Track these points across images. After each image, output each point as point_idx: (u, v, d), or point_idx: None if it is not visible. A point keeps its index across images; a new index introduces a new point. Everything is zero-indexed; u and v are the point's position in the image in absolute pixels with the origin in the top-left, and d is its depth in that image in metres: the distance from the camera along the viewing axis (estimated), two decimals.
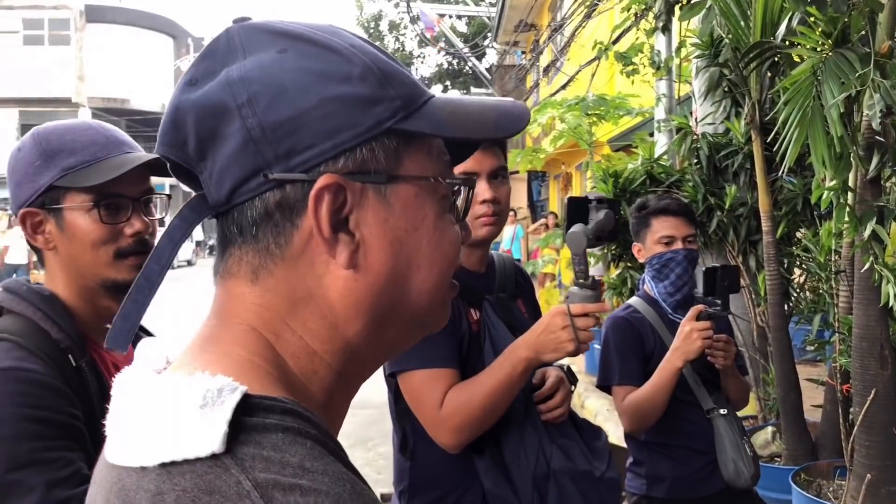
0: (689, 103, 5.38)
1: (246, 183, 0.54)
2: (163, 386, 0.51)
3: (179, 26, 35.32)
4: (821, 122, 2.38)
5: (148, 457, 0.48)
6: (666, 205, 2.21)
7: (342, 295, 0.56)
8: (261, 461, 0.46)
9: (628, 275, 4.64)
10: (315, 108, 0.54)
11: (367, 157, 0.55)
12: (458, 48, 21.10)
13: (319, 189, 0.53)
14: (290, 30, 0.57)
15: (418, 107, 0.57)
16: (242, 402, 0.48)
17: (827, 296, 3.56)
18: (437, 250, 0.59)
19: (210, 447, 0.46)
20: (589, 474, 1.53)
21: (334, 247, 0.55)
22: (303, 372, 0.57)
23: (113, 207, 1.25)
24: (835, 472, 3.22)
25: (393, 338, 0.60)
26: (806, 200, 3.85)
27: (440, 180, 0.59)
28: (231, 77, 0.54)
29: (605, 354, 2.26)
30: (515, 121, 0.60)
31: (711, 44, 3.84)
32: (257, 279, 0.56)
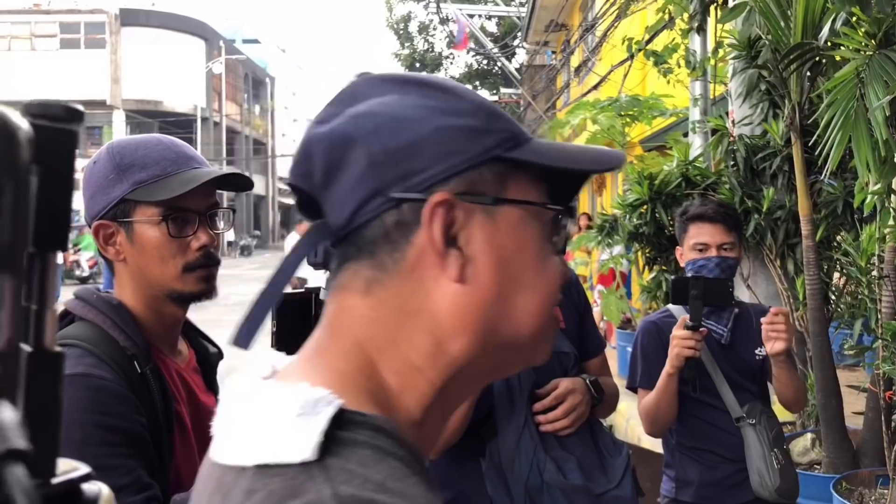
0: (724, 104, 5.32)
1: (367, 204, 0.59)
2: (266, 393, 0.56)
3: (211, 28, 35.73)
4: (865, 125, 2.34)
5: (247, 457, 0.52)
6: (703, 211, 2.19)
7: (449, 309, 0.59)
8: (345, 474, 0.49)
9: (663, 278, 4.60)
10: (431, 136, 0.59)
11: (477, 180, 0.60)
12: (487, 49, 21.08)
13: (434, 205, 0.58)
14: (408, 77, 0.64)
15: (523, 142, 0.63)
16: (337, 415, 0.52)
17: (868, 301, 3.49)
18: (541, 275, 0.62)
19: (301, 455, 0.50)
20: (584, 490, 1.51)
21: (445, 260, 0.59)
22: (402, 387, 0.60)
23: (180, 221, 1.29)
24: (877, 480, 3.16)
25: (495, 361, 0.63)
26: (846, 203, 3.77)
27: (542, 207, 0.63)
28: (358, 112, 0.61)
29: (633, 357, 2.30)
30: (611, 159, 0.65)
31: (749, 44, 3.79)
32: (370, 291, 0.60)
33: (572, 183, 0.69)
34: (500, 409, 1.55)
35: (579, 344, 1.74)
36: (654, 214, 4.39)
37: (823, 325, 3.49)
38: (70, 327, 1.26)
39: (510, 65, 20.29)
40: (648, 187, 4.40)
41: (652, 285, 4.70)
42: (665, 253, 4.59)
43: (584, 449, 1.58)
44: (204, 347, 1.47)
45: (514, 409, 1.55)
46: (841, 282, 4.13)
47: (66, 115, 0.32)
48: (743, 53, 3.82)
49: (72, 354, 1.17)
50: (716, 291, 2.05)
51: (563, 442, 1.57)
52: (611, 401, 1.75)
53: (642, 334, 2.29)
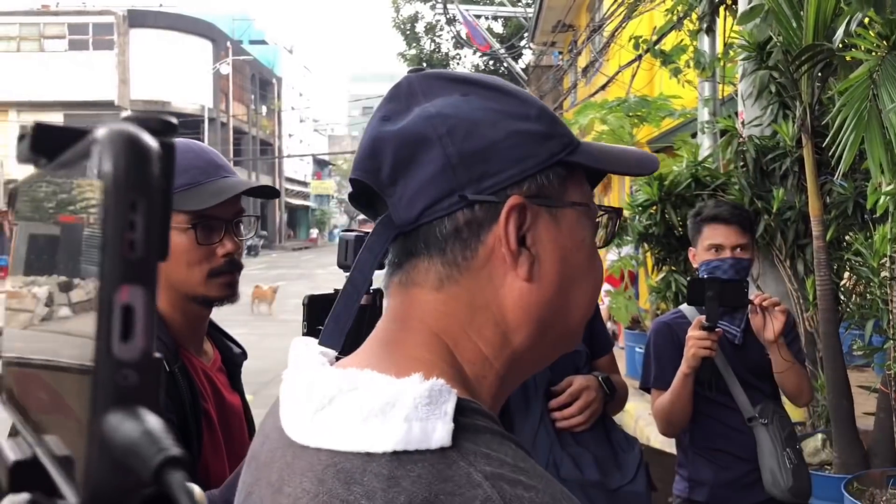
0: (732, 104, 5.32)
1: (439, 203, 0.61)
2: (368, 380, 0.56)
3: (218, 29, 35.81)
4: (878, 126, 2.35)
5: (376, 444, 0.53)
6: (718, 212, 2.20)
7: (516, 304, 0.63)
8: (483, 457, 0.52)
9: (672, 279, 4.60)
10: (503, 140, 0.62)
11: (544, 184, 0.63)
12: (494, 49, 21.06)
13: (510, 207, 0.61)
14: (464, 77, 0.67)
15: (577, 145, 0.66)
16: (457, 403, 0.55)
17: (880, 301, 3.49)
18: (591, 270, 0.67)
19: (440, 441, 0.52)
20: (600, 485, 1.53)
21: (516, 260, 0.62)
22: (475, 377, 0.63)
23: (208, 229, 1.32)
24: (888, 481, 3.16)
25: (546, 350, 0.67)
26: (856, 204, 3.78)
27: (597, 208, 0.68)
28: (429, 112, 0.63)
29: (646, 358, 2.32)
30: (651, 163, 0.71)
31: (759, 46, 3.79)
32: (442, 287, 0.63)
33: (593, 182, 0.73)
34: (516, 406, 1.57)
35: (590, 342, 1.76)
36: (663, 215, 4.40)
37: (834, 325, 3.49)
38: None
39: (517, 65, 20.27)
40: (658, 188, 4.41)
41: (661, 286, 4.71)
42: (674, 254, 4.59)
43: (598, 445, 1.60)
44: (228, 348, 1.49)
45: (530, 406, 1.57)
46: (851, 283, 4.13)
47: (167, 128, 0.34)
48: (753, 55, 3.82)
49: None
50: (731, 292, 2.07)
51: (579, 438, 1.59)
52: (621, 398, 1.78)
53: (655, 335, 2.30)
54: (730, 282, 2.09)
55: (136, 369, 0.32)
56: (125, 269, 0.31)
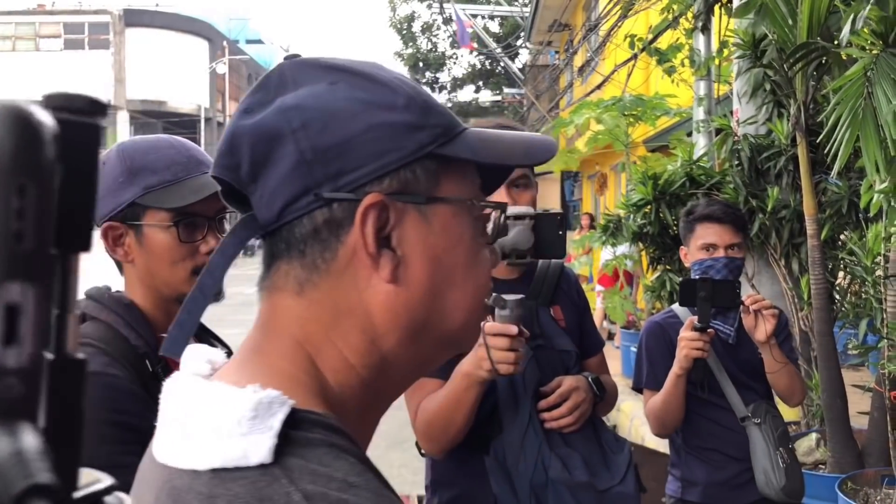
0: (728, 103, 5.31)
1: (296, 201, 0.58)
2: (214, 393, 0.55)
3: (214, 29, 35.79)
4: (873, 124, 2.33)
5: (200, 461, 0.51)
6: (711, 211, 2.18)
7: (382, 308, 0.59)
8: (308, 474, 0.49)
9: (667, 277, 4.59)
10: (363, 133, 0.58)
11: (409, 179, 0.59)
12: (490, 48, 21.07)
13: (366, 207, 0.57)
14: (338, 64, 0.61)
15: (456, 135, 0.61)
16: (290, 415, 0.52)
17: (874, 300, 3.48)
18: (472, 270, 0.62)
19: (260, 458, 0.49)
20: (588, 486, 1.51)
21: (378, 261, 0.58)
22: (340, 386, 0.59)
23: (191, 226, 1.30)
24: (882, 480, 3.15)
25: (424, 354, 0.63)
26: (851, 203, 3.77)
27: (475, 203, 0.63)
28: (286, 104, 0.58)
29: (638, 358, 2.31)
30: (544, 151, 0.65)
31: (754, 43, 3.78)
32: (303, 291, 0.59)
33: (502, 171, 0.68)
34: (505, 407, 1.56)
35: (580, 342, 1.74)
36: (658, 214, 4.39)
37: (828, 325, 3.48)
38: (82, 327, 1.26)
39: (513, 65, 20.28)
40: (653, 187, 4.40)
41: (656, 285, 4.70)
42: (669, 253, 4.58)
43: (587, 446, 1.58)
44: (213, 346, 1.48)
45: (519, 407, 1.56)
46: (845, 281, 4.12)
47: (90, 107, 0.31)
48: (748, 53, 3.81)
49: (84, 353, 1.18)
50: (723, 293, 2.05)
51: (568, 439, 1.57)
52: (611, 399, 1.76)
53: (647, 335, 2.29)
54: (721, 282, 2.08)
55: (20, 378, 0.28)
56: (9, 263, 0.28)
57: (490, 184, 0.69)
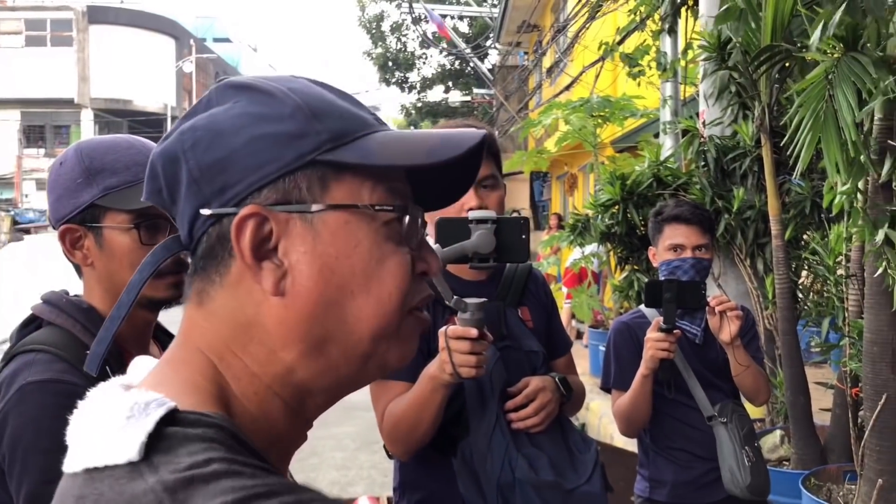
0: (694, 105, 5.37)
1: (196, 220, 0.60)
2: (107, 400, 0.56)
3: (181, 27, 35.35)
4: (834, 126, 2.37)
5: (77, 463, 0.53)
6: (679, 212, 2.20)
7: (276, 321, 0.58)
8: (172, 465, 0.49)
9: (635, 277, 4.64)
10: (243, 147, 0.58)
11: (289, 188, 0.58)
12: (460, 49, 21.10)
13: (240, 219, 0.57)
14: (247, 83, 0.62)
15: (351, 140, 0.60)
16: (170, 416, 0.52)
17: (836, 299, 3.55)
18: (374, 278, 0.59)
19: (127, 455, 0.50)
20: (555, 485, 1.52)
21: (258, 274, 0.58)
22: (244, 393, 0.59)
23: (152, 228, 1.27)
24: (844, 476, 3.21)
25: (338, 370, 0.61)
26: (814, 203, 3.84)
27: (371, 208, 0.60)
28: (183, 127, 0.61)
29: (606, 358, 2.32)
30: (454, 147, 0.60)
31: (719, 46, 3.83)
32: (202, 303, 0.61)
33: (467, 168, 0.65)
34: (472, 408, 1.56)
35: (547, 343, 1.75)
36: (625, 214, 4.43)
37: (792, 323, 3.54)
38: (38, 332, 1.23)
39: (483, 65, 20.32)
40: (620, 187, 4.44)
41: (624, 285, 4.74)
42: (636, 253, 4.63)
43: (554, 446, 1.59)
44: None
45: (486, 408, 1.56)
46: (808, 281, 4.20)
47: None
48: (713, 55, 3.86)
49: (41, 360, 1.16)
50: (689, 294, 2.07)
51: (534, 439, 1.57)
52: (578, 399, 1.77)
53: (615, 335, 2.30)
54: (687, 283, 2.10)
55: None
56: None
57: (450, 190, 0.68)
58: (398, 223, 0.62)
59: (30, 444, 1.09)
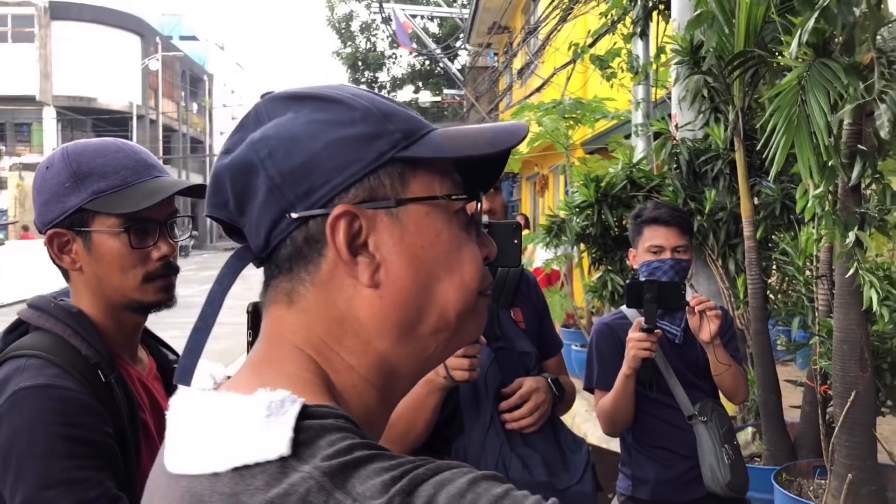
0: (664, 107, 5.45)
1: (277, 226, 0.61)
2: (225, 402, 0.57)
3: (147, 24, 34.83)
4: (807, 131, 2.43)
5: (220, 463, 0.53)
6: (658, 214, 2.24)
7: (370, 312, 0.62)
8: (319, 455, 0.52)
9: (608, 278, 4.69)
10: (324, 150, 0.61)
11: (375, 185, 0.62)
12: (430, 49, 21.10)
13: (334, 219, 0.60)
14: (302, 93, 0.65)
15: (419, 137, 0.64)
16: (302, 411, 0.54)
17: (805, 299, 3.63)
18: (456, 262, 0.64)
19: (278, 451, 0.52)
20: (548, 486, 1.54)
21: (355, 269, 0.61)
22: (343, 386, 0.63)
23: (141, 232, 1.26)
24: (814, 471, 3.29)
25: (426, 350, 0.65)
26: (783, 205, 3.92)
27: (447, 198, 0.64)
28: (254, 138, 0.62)
29: (589, 359, 2.34)
30: (511, 136, 0.66)
31: (692, 50, 3.90)
32: (292, 303, 0.63)
33: (496, 162, 0.71)
34: (466, 409, 1.58)
35: (539, 343, 1.77)
36: (600, 216, 4.47)
37: (764, 322, 3.62)
38: (27, 337, 1.22)
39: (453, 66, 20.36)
40: (595, 189, 4.48)
41: (598, 285, 4.79)
42: (610, 253, 4.68)
43: (546, 446, 1.61)
44: (163, 354, 1.45)
45: (480, 408, 1.58)
46: (778, 281, 4.28)
47: None
48: (686, 59, 3.92)
49: (33, 365, 1.15)
50: (669, 294, 2.11)
51: (528, 440, 1.60)
52: (569, 399, 1.79)
53: (597, 336, 2.33)
54: (667, 284, 2.13)
55: None
56: None
57: (484, 181, 0.72)
58: (464, 212, 0.66)
59: (24, 451, 1.08)
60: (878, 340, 3.07)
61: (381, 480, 0.50)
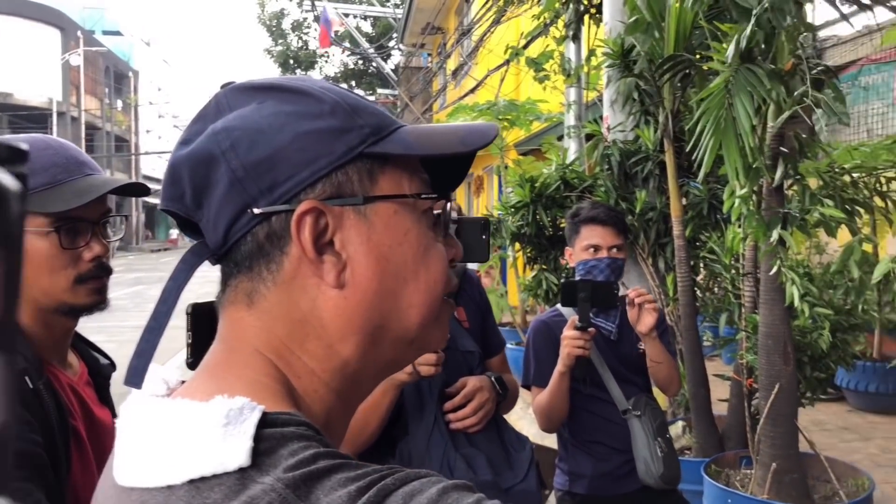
0: (596, 109, 5.56)
1: (237, 221, 0.59)
2: (180, 409, 0.54)
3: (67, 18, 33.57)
4: (733, 134, 2.52)
5: (175, 475, 0.50)
6: (595, 214, 2.28)
7: (334, 314, 0.59)
8: (281, 465, 0.49)
9: (543, 277, 4.76)
10: (290, 143, 0.58)
11: (343, 181, 0.59)
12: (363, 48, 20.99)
13: (300, 215, 0.57)
14: (267, 83, 0.62)
15: (388, 133, 0.62)
16: (262, 419, 0.52)
17: (732, 296, 3.76)
18: (423, 264, 0.62)
19: (237, 461, 0.49)
20: (493, 485, 1.55)
21: (321, 268, 0.58)
22: (305, 391, 0.60)
23: (72, 232, 1.21)
24: (741, 461, 3.41)
25: (388, 356, 0.63)
26: (711, 205, 4.05)
27: (416, 196, 0.62)
28: (216, 128, 0.59)
29: (526, 356, 2.36)
30: (482, 136, 0.64)
31: (623, 54, 3.99)
32: (253, 303, 0.60)
33: (462, 162, 0.69)
34: (410, 409, 1.57)
35: (482, 342, 1.78)
36: (534, 216, 4.54)
37: (693, 319, 3.73)
38: None
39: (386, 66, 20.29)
40: (530, 190, 4.54)
41: (533, 284, 4.85)
42: (545, 253, 4.75)
43: (491, 445, 1.62)
44: (95, 359, 1.40)
45: (424, 409, 1.57)
46: (705, 279, 4.43)
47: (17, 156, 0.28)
48: (617, 63, 4.01)
49: None
50: (602, 293, 2.15)
51: (472, 439, 1.60)
52: (513, 397, 1.81)
53: (534, 334, 2.36)
54: (600, 283, 2.18)
55: None
56: None
57: (448, 181, 0.70)
58: (431, 212, 0.64)
59: None
60: (799, 335, 3.20)
61: (346, 491, 0.47)
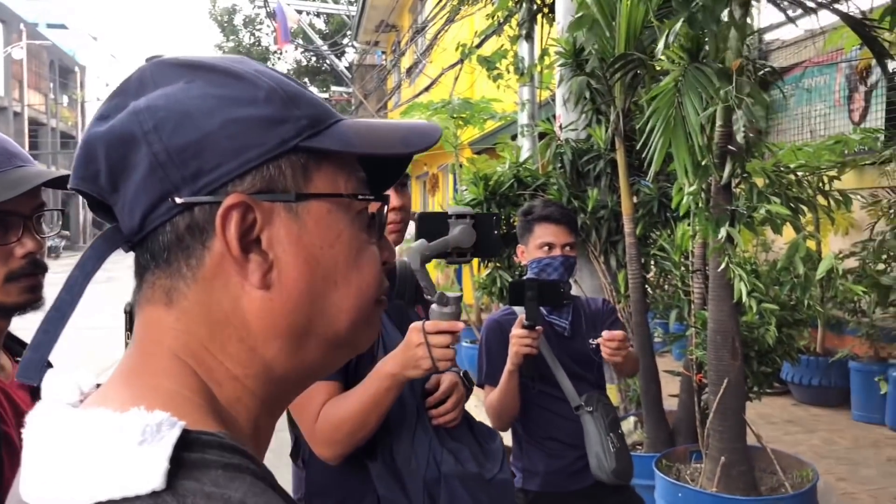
0: (549, 108, 5.60)
1: (156, 208, 0.54)
2: (93, 421, 0.49)
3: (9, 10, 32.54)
4: (682, 132, 2.55)
5: (81, 496, 0.46)
6: (549, 212, 2.29)
7: (258, 316, 0.55)
8: (202, 497, 0.45)
9: (497, 275, 4.77)
10: (220, 130, 0.54)
11: (275, 175, 0.55)
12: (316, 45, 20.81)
13: (226, 209, 0.53)
14: (197, 61, 0.58)
15: (326, 126, 0.58)
16: (182, 437, 0.47)
17: (681, 292, 3.82)
18: (355, 267, 0.59)
19: (150, 484, 0.45)
20: (479, 477, 1.56)
21: (245, 267, 0.55)
22: (227, 400, 0.56)
23: (3, 226, 1.15)
24: (691, 456, 3.46)
25: (314, 360, 0.59)
26: (661, 203, 4.11)
27: (353, 197, 0.59)
28: (138, 107, 0.55)
29: (479, 355, 2.37)
30: (424, 137, 0.62)
31: (575, 53, 4.02)
32: (171, 302, 0.55)
33: (400, 160, 0.66)
34: (392, 410, 1.56)
35: None
36: None
37: (644, 315, 3.78)
38: None
39: (340, 63, 20.15)
40: (484, 188, 4.55)
41: (487, 282, 4.86)
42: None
43: (467, 438, 1.63)
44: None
45: (405, 407, 1.57)
46: (655, 276, 4.49)
47: None
48: (570, 62, 4.04)
49: None
50: (549, 292, 2.16)
51: (453, 434, 1.62)
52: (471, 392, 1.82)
53: (486, 333, 2.36)
54: (547, 283, 2.19)
55: None
56: None
57: (383, 180, 0.67)
58: (367, 213, 0.60)
59: None
60: (746, 330, 3.27)
61: None
